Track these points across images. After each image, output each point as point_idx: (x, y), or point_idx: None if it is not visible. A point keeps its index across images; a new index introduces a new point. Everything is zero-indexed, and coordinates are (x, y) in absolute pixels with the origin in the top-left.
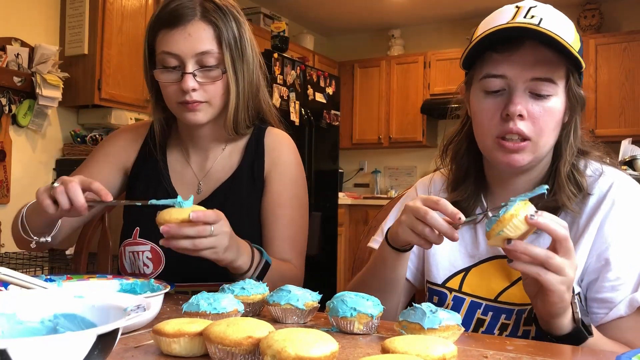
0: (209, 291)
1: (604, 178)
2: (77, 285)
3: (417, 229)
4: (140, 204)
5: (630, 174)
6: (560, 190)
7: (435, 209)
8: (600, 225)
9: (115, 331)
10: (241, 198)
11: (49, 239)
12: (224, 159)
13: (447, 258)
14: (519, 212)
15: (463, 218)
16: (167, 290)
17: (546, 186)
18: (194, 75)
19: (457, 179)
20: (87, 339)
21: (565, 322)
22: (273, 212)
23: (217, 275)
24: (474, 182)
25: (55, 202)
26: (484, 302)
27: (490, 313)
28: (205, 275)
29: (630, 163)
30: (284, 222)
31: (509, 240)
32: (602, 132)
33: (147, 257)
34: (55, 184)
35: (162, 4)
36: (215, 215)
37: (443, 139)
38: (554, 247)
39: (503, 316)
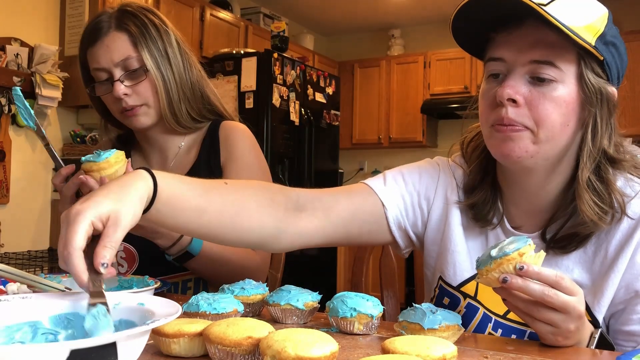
0: (184, 282)
1: (637, 201)
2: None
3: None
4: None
5: None
6: (580, 199)
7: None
8: (633, 254)
9: (97, 348)
10: None
11: None
12: (182, 156)
13: (465, 259)
14: (513, 261)
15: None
16: (157, 286)
17: (529, 240)
18: (122, 82)
19: (473, 181)
20: (59, 353)
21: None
22: None
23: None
24: (490, 186)
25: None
26: (494, 317)
27: (500, 330)
28: (177, 267)
29: None
30: None
31: (504, 279)
32: None
33: (120, 257)
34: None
35: (85, 25)
36: None
37: (464, 132)
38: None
39: (513, 336)
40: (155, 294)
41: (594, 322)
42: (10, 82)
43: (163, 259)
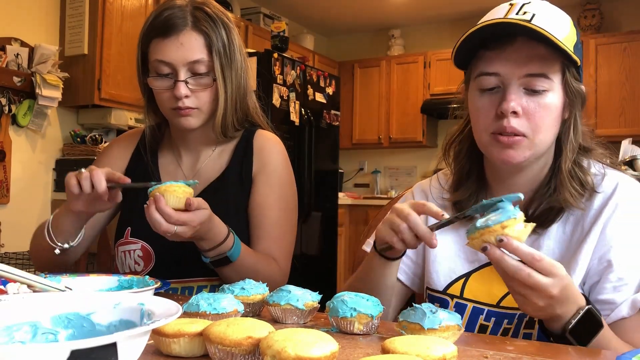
0: (199, 287)
1: (608, 179)
2: (77, 280)
3: (396, 227)
4: (153, 184)
5: (630, 174)
6: (563, 187)
7: (421, 211)
8: (603, 227)
9: (98, 348)
10: (228, 198)
11: (73, 244)
12: (214, 159)
13: (447, 264)
14: (501, 228)
15: (446, 215)
16: (157, 286)
17: (517, 213)
18: (186, 83)
19: (458, 179)
20: (59, 353)
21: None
22: (260, 213)
23: (204, 270)
24: (476, 182)
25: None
26: (486, 308)
27: (493, 319)
28: (193, 272)
29: (630, 163)
30: (270, 223)
31: (484, 248)
32: (602, 132)
33: (138, 255)
34: (83, 170)
35: (154, 13)
36: (190, 218)
37: (445, 138)
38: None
39: (505, 321)
40: (155, 294)
41: None
42: (11, 82)
43: (183, 262)
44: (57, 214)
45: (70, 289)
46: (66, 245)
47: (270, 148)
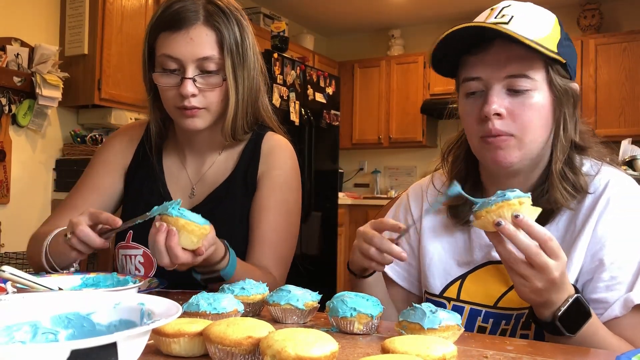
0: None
1: (600, 176)
2: (41, 280)
3: (365, 252)
4: (140, 220)
5: (630, 174)
6: (553, 188)
7: (382, 229)
8: (595, 225)
9: (98, 348)
10: (234, 204)
11: (73, 269)
12: (220, 163)
13: (442, 268)
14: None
15: (403, 226)
16: (141, 284)
17: (529, 194)
18: (194, 81)
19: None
20: (59, 353)
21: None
22: (258, 216)
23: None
24: (471, 187)
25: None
26: (484, 309)
27: (491, 320)
28: (194, 281)
29: (630, 163)
30: (267, 227)
31: (498, 223)
32: (602, 132)
33: (139, 262)
34: (68, 236)
35: (165, 4)
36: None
37: (444, 145)
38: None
39: (503, 322)
40: (155, 294)
41: None
42: (11, 82)
43: (185, 271)
44: (55, 243)
45: (62, 289)
46: (71, 269)
47: (278, 151)
